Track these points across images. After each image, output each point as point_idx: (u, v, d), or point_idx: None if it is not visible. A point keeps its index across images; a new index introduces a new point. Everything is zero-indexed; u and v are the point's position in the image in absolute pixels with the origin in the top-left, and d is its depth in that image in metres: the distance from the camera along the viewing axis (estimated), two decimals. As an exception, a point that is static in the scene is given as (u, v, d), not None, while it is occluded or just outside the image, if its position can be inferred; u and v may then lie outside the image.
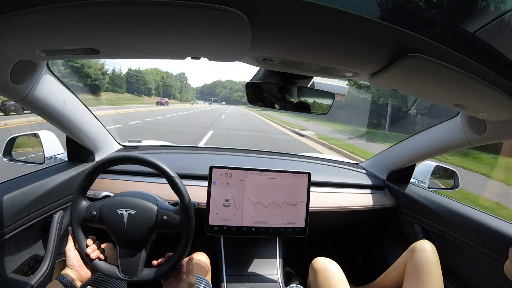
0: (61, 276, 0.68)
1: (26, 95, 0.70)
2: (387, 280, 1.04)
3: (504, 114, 0.68)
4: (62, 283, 0.66)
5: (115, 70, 40.40)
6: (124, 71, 48.45)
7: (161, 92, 57.94)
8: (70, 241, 0.73)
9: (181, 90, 73.22)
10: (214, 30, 0.44)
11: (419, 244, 0.94)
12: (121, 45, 0.52)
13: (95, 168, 0.75)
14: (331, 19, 0.40)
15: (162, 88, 59.51)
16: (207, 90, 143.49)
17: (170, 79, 66.71)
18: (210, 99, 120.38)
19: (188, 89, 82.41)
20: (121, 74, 40.68)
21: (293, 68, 0.64)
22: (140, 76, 49.32)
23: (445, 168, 1.33)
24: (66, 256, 0.72)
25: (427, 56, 0.46)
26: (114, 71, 39.51)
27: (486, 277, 0.92)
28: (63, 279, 0.67)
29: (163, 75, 61.06)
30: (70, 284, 0.67)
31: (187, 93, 79.63)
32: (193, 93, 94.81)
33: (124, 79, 41.45)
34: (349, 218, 1.30)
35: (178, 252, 0.75)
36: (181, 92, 72.62)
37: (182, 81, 77.04)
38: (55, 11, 0.40)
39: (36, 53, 0.54)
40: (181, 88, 72.41)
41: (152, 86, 52.10)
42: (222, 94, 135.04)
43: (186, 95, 77.75)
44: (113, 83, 36.49)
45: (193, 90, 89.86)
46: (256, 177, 1.03)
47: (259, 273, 1.08)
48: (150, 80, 52.38)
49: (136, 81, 47.89)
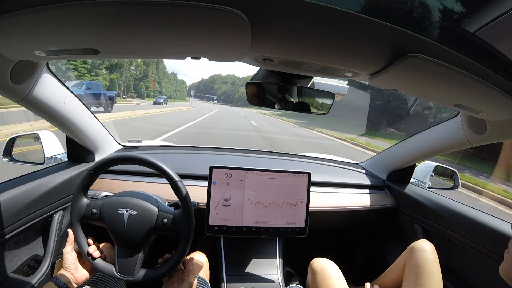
0: (56, 278, 0.68)
1: (26, 95, 0.70)
2: (387, 280, 1.04)
3: (504, 114, 0.68)
4: (57, 284, 0.66)
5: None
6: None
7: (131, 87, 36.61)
8: (68, 243, 0.73)
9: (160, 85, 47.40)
10: (214, 30, 0.44)
11: (418, 244, 0.94)
12: (121, 45, 0.52)
13: (98, 166, 0.75)
14: (331, 19, 0.40)
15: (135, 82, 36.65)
16: (204, 86, 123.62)
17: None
18: (202, 96, 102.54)
19: (177, 84, 63.75)
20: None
21: (293, 68, 0.64)
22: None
23: (445, 168, 1.33)
24: (63, 258, 0.72)
25: (427, 56, 0.46)
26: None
27: (486, 277, 0.92)
28: (58, 280, 0.67)
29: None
30: (65, 285, 0.67)
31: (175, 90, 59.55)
32: (185, 89, 70.94)
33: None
34: (349, 218, 1.30)
35: (177, 255, 0.75)
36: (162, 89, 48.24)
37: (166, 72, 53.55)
38: (55, 11, 0.40)
39: (36, 53, 0.54)
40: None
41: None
42: (221, 91, 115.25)
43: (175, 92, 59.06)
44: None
45: (183, 85, 67.57)
46: (256, 177, 1.03)
47: (259, 273, 1.08)
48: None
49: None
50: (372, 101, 14.88)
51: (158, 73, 46.57)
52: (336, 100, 0.88)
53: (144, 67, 39.97)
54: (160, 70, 48.16)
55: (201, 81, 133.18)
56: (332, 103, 0.88)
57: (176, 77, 61.93)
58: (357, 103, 14.08)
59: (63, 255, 0.72)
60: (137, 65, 38.40)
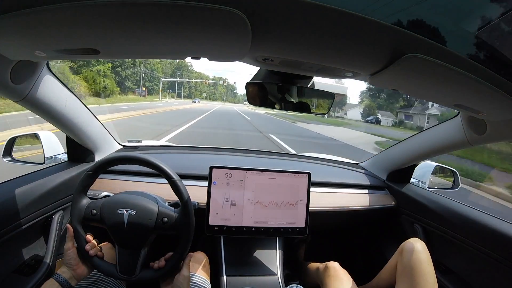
0: (57, 274, 0.68)
1: (26, 95, 0.70)
2: (381, 281, 1.03)
3: (504, 114, 0.68)
4: (58, 281, 0.66)
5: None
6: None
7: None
8: (68, 239, 0.73)
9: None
10: (214, 30, 0.44)
11: (407, 245, 0.92)
12: (121, 45, 0.52)
13: (98, 166, 0.75)
14: (331, 19, 0.40)
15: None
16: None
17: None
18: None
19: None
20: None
21: (293, 68, 0.64)
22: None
23: (445, 168, 1.33)
24: (64, 254, 0.72)
25: (427, 56, 0.46)
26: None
27: (486, 277, 0.92)
28: (59, 277, 0.67)
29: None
30: (66, 282, 0.67)
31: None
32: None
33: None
34: (349, 218, 1.30)
35: (177, 254, 0.75)
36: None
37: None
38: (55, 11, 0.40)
39: (36, 53, 0.54)
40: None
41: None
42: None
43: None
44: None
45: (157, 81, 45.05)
46: (256, 177, 1.03)
47: (259, 273, 1.08)
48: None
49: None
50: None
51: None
52: (336, 100, 0.88)
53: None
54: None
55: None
56: (332, 103, 0.88)
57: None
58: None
59: (64, 251, 0.72)
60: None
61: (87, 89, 19.61)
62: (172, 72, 50.51)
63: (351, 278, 0.97)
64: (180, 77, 61.36)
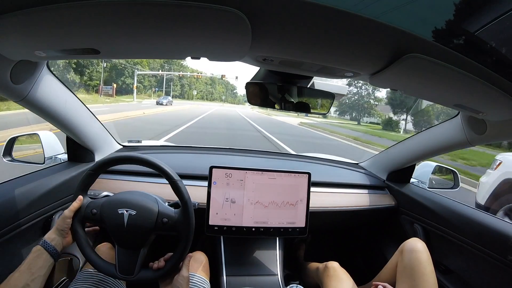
0: (44, 242, 0.67)
1: (26, 95, 0.70)
2: (381, 281, 1.03)
3: (504, 114, 0.68)
4: (47, 250, 0.66)
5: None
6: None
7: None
8: (72, 208, 0.71)
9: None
10: (214, 30, 0.44)
11: (409, 244, 0.92)
12: (121, 45, 0.52)
13: (98, 166, 0.75)
14: (331, 19, 0.40)
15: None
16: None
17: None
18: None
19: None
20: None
21: (293, 68, 0.64)
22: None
23: (445, 168, 1.33)
24: (61, 218, 0.70)
25: (427, 56, 0.46)
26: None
27: (486, 277, 0.92)
28: (48, 246, 0.66)
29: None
30: (53, 249, 0.67)
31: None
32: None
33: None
34: (349, 218, 1.29)
35: (177, 255, 0.75)
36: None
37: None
38: (55, 11, 0.40)
39: (36, 53, 0.54)
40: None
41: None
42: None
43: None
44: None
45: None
46: (256, 177, 1.03)
47: (259, 273, 1.08)
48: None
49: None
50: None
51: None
52: (336, 100, 0.88)
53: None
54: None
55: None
56: (332, 103, 0.89)
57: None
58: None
59: (62, 216, 0.71)
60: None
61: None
62: (160, 66, 41.94)
63: (351, 278, 0.97)
64: (168, 71, 45.64)
